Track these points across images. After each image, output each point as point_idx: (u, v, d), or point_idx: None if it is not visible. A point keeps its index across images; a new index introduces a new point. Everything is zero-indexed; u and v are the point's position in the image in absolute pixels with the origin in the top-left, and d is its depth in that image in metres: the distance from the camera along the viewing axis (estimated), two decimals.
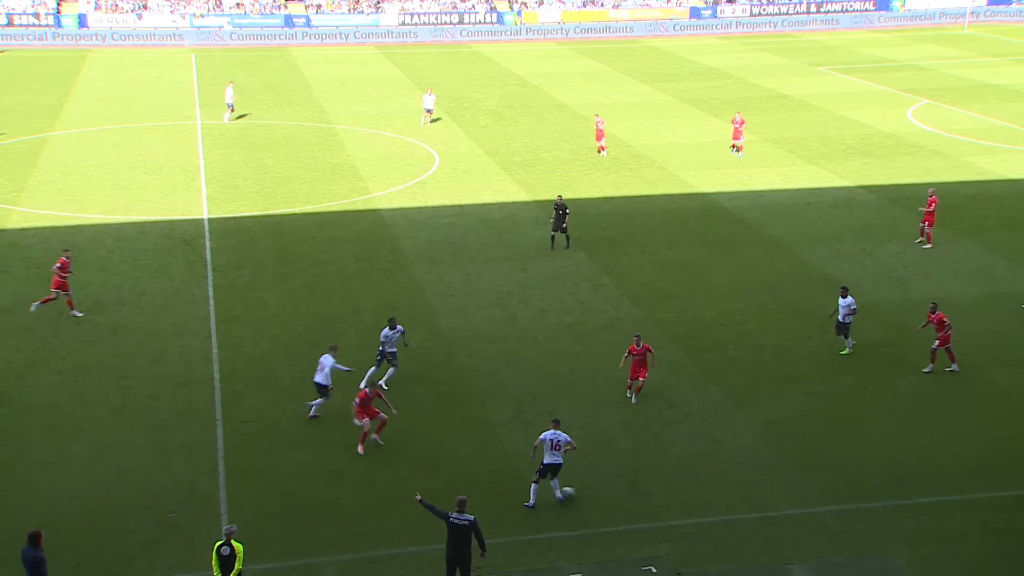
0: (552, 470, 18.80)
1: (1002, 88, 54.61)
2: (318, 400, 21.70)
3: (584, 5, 79.29)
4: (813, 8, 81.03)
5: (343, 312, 27.03)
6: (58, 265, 26.33)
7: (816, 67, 62.07)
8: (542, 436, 18.95)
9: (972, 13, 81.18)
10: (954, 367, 23.57)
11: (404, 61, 65.09)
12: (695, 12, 79.21)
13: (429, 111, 46.79)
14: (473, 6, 77.98)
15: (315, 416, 21.68)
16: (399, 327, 23.10)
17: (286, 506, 18.83)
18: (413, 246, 31.66)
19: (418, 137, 44.80)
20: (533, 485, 18.77)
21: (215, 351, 24.73)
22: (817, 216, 34.17)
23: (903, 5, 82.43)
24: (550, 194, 36.61)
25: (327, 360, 21.56)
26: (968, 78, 57.51)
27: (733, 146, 42.00)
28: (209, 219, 34.06)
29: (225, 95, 48.01)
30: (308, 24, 74.67)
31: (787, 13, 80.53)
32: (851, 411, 21.94)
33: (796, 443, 20.65)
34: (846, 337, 24.29)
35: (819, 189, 37.08)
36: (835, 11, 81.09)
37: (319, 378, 21.52)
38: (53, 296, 26.19)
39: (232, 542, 15.76)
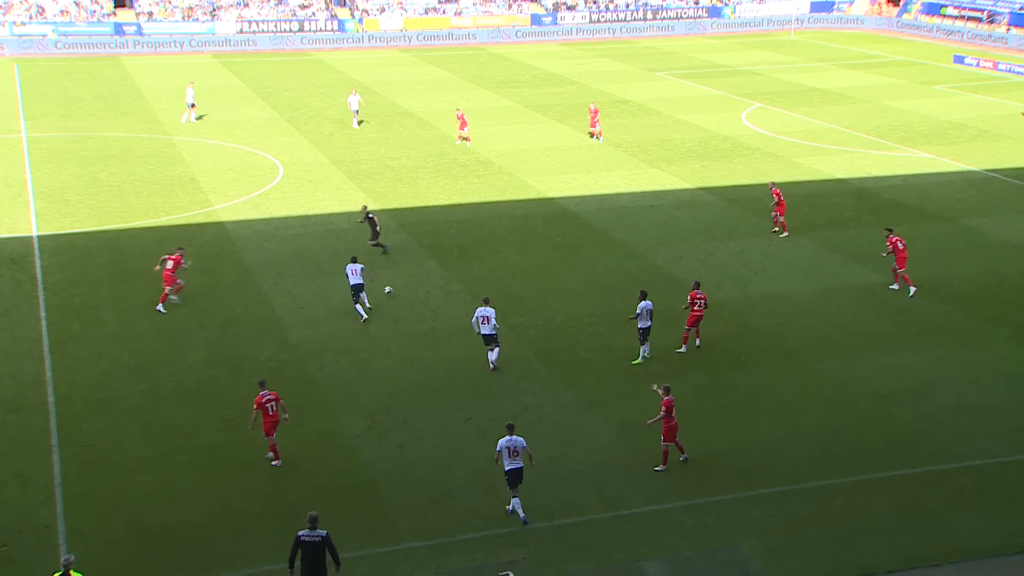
0: (517, 475, 18.53)
1: (827, 91, 57.63)
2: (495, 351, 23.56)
3: (426, 12, 79.43)
4: (650, 15, 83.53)
5: (188, 327, 26.25)
6: (171, 262, 27.04)
7: (655, 72, 64.00)
8: (499, 444, 18.71)
9: (797, 20, 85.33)
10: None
11: (243, 70, 63.77)
12: (536, 19, 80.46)
13: (192, 106, 48.66)
14: (314, 14, 76.97)
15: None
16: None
17: (132, 531, 18.20)
18: (259, 258, 31.02)
19: (261, 147, 43.99)
20: (513, 500, 18.49)
21: (49, 374, 23.68)
22: (661, 218, 35.21)
23: (734, 12, 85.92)
24: (399, 202, 36.53)
25: (489, 312, 23.44)
26: (796, 82, 60.46)
27: (591, 133, 45.27)
28: (39, 236, 32.58)
29: (186, 95, 48.99)
30: (139, 32, 72.15)
31: (625, 20, 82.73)
32: (699, 407, 22.69)
33: (648, 441, 21.22)
34: (645, 342, 24.19)
35: (662, 191, 38.22)
36: (670, 18, 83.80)
37: (487, 329, 23.37)
38: (169, 289, 27.13)
39: (71, 572, 15.16)
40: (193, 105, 48.77)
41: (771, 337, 26.06)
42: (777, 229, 33.33)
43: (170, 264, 27.22)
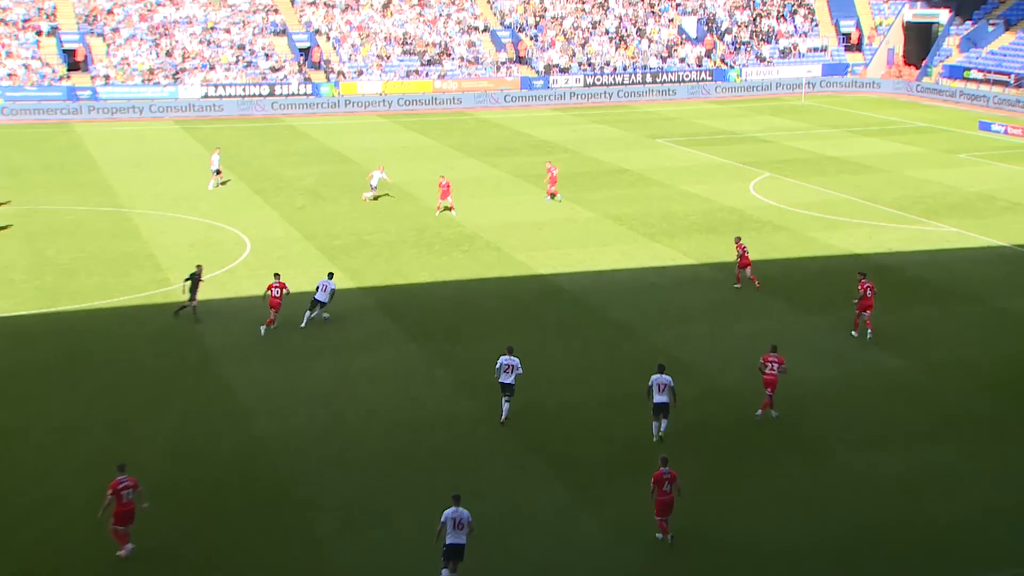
0: (455, 552, 18.75)
1: (842, 160, 58.66)
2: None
3: (408, 75, 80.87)
4: (649, 79, 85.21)
5: (144, 416, 26.24)
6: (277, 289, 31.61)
7: (655, 139, 65.09)
8: (444, 515, 19.37)
9: (808, 84, 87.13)
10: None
11: (209, 137, 64.56)
12: (526, 82, 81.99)
13: (218, 172, 50.39)
14: (286, 77, 78.25)
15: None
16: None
17: None
18: (222, 341, 31.12)
19: (226, 221, 44.33)
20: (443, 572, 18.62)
21: None
22: (663, 296, 35.53)
23: (740, 76, 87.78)
24: (377, 280, 36.79)
25: (514, 361, 25.92)
26: (808, 150, 61.52)
27: (551, 193, 47.80)
28: None
29: (212, 162, 51.00)
30: (95, 97, 73.13)
31: (622, 83, 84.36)
32: (709, 498, 22.60)
33: (653, 542, 21.13)
34: (664, 418, 24.99)
35: (664, 268, 38.60)
36: (671, 81, 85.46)
37: (507, 378, 25.78)
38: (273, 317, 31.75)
39: None
40: (219, 171, 50.56)
41: (786, 426, 26.15)
42: (739, 285, 36.06)
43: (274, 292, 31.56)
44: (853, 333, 31.74)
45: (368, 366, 29.41)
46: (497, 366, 25.92)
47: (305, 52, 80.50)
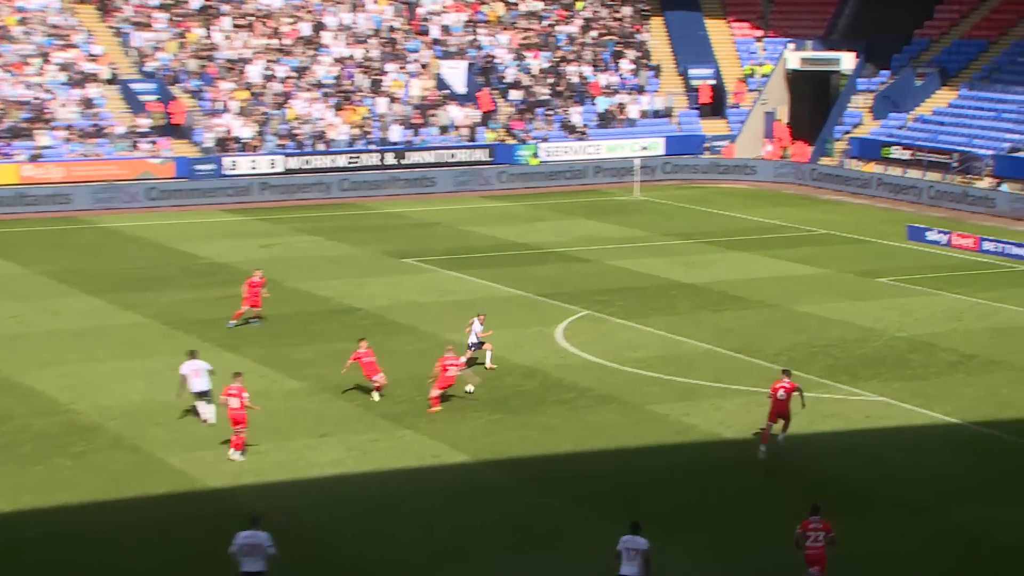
0: None
1: (699, 289, 60.60)
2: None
3: None
4: (391, 160, 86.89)
5: None
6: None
7: (401, 259, 66.13)
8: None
9: (643, 168, 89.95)
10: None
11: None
12: (184, 167, 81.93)
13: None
14: None
15: None
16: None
17: None
18: None
19: None
20: None
21: None
22: (428, 518, 35.42)
23: (536, 157, 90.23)
24: None
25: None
26: (646, 273, 63.53)
27: (249, 318, 52.31)
28: None
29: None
30: None
31: (347, 168, 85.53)
32: None
33: None
34: None
35: (422, 471, 38.76)
36: (427, 164, 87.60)
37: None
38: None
39: None
40: None
41: None
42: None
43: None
44: None
45: None
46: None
47: None
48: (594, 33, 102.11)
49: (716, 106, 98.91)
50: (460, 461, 39.50)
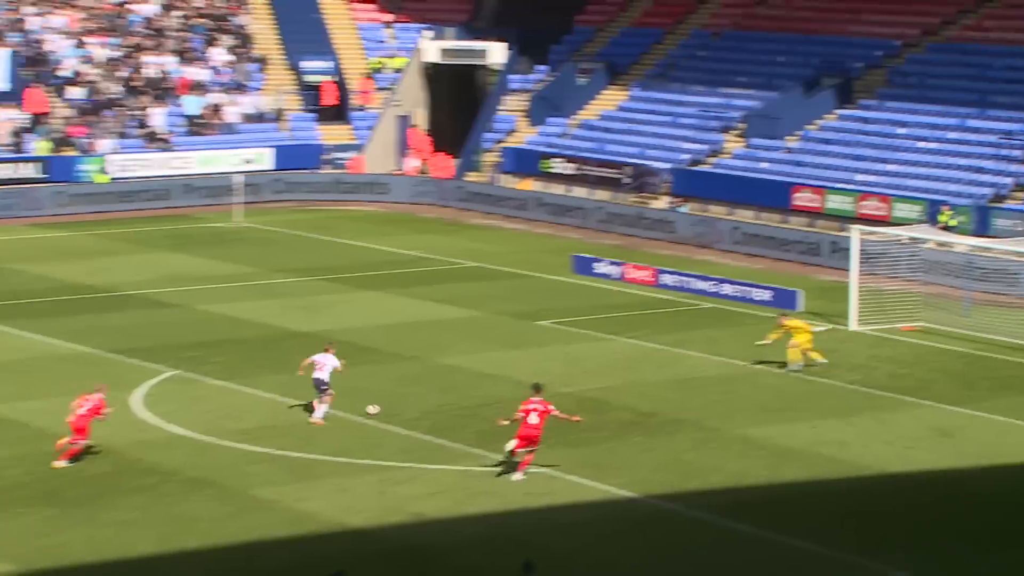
0: None
1: (321, 339, 60.65)
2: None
3: None
4: None
5: None
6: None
7: None
8: None
9: (247, 188, 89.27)
10: None
11: None
12: None
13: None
14: None
15: None
16: None
17: None
18: None
19: None
20: None
21: None
22: None
23: (104, 172, 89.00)
24: None
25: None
26: (249, 320, 63.65)
27: None
28: None
29: None
30: None
31: None
32: None
33: None
34: None
35: None
36: None
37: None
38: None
39: None
40: None
41: None
42: None
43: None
44: None
45: None
46: None
47: None
48: (179, 14, 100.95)
49: (338, 109, 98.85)
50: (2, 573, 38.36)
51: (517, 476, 44.13)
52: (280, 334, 61.88)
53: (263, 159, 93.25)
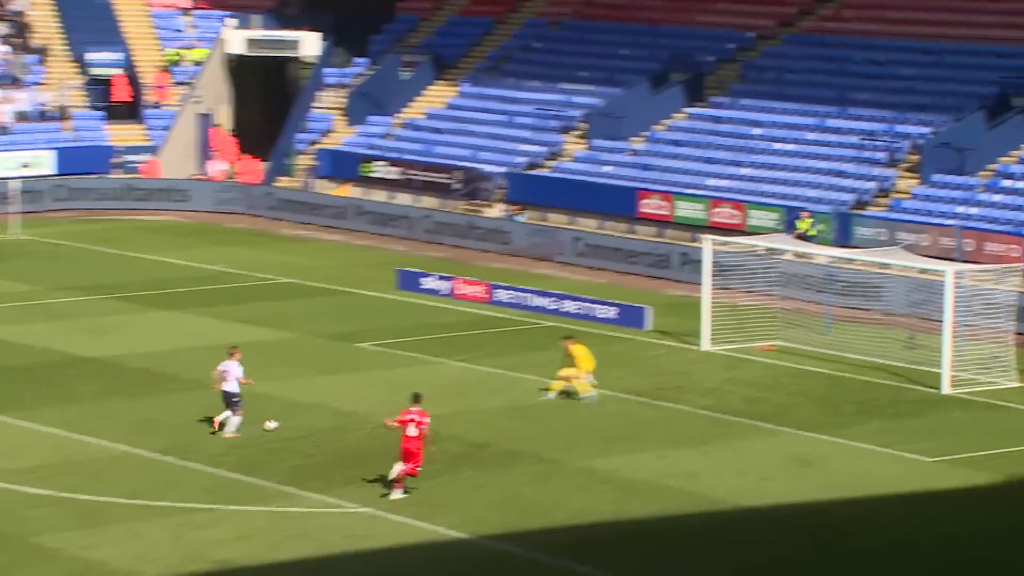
0: None
1: (111, 366, 59.92)
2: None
3: None
4: None
5: None
6: None
7: None
8: None
9: (24, 194, 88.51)
10: None
11: None
12: None
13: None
14: None
15: None
16: None
17: None
18: None
19: None
20: None
21: None
22: None
23: None
24: None
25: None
26: (28, 343, 62.78)
27: None
28: None
29: None
30: None
31: None
32: None
33: None
34: None
35: None
36: None
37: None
38: None
39: None
40: None
41: None
42: None
43: None
44: None
45: None
46: None
47: None
48: None
49: (130, 106, 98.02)
50: None
51: (397, 494, 44.81)
52: (63, 360, 61.40)
53: (43, 163, 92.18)
